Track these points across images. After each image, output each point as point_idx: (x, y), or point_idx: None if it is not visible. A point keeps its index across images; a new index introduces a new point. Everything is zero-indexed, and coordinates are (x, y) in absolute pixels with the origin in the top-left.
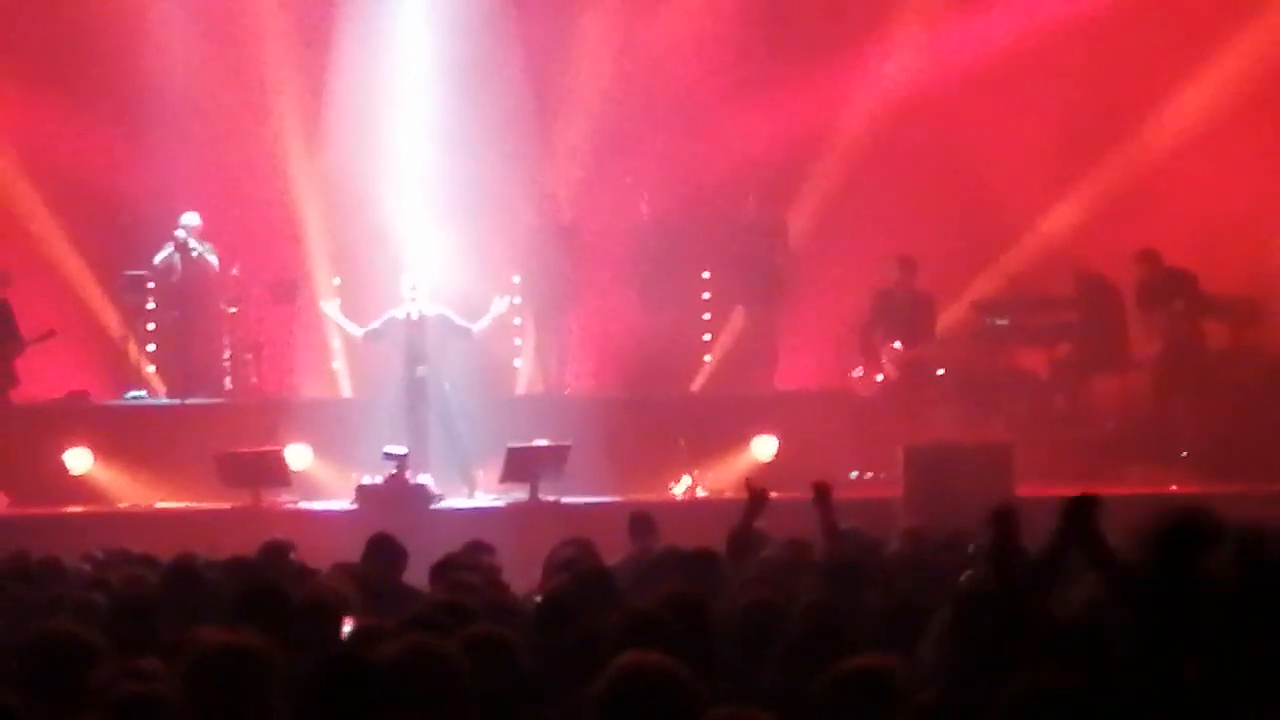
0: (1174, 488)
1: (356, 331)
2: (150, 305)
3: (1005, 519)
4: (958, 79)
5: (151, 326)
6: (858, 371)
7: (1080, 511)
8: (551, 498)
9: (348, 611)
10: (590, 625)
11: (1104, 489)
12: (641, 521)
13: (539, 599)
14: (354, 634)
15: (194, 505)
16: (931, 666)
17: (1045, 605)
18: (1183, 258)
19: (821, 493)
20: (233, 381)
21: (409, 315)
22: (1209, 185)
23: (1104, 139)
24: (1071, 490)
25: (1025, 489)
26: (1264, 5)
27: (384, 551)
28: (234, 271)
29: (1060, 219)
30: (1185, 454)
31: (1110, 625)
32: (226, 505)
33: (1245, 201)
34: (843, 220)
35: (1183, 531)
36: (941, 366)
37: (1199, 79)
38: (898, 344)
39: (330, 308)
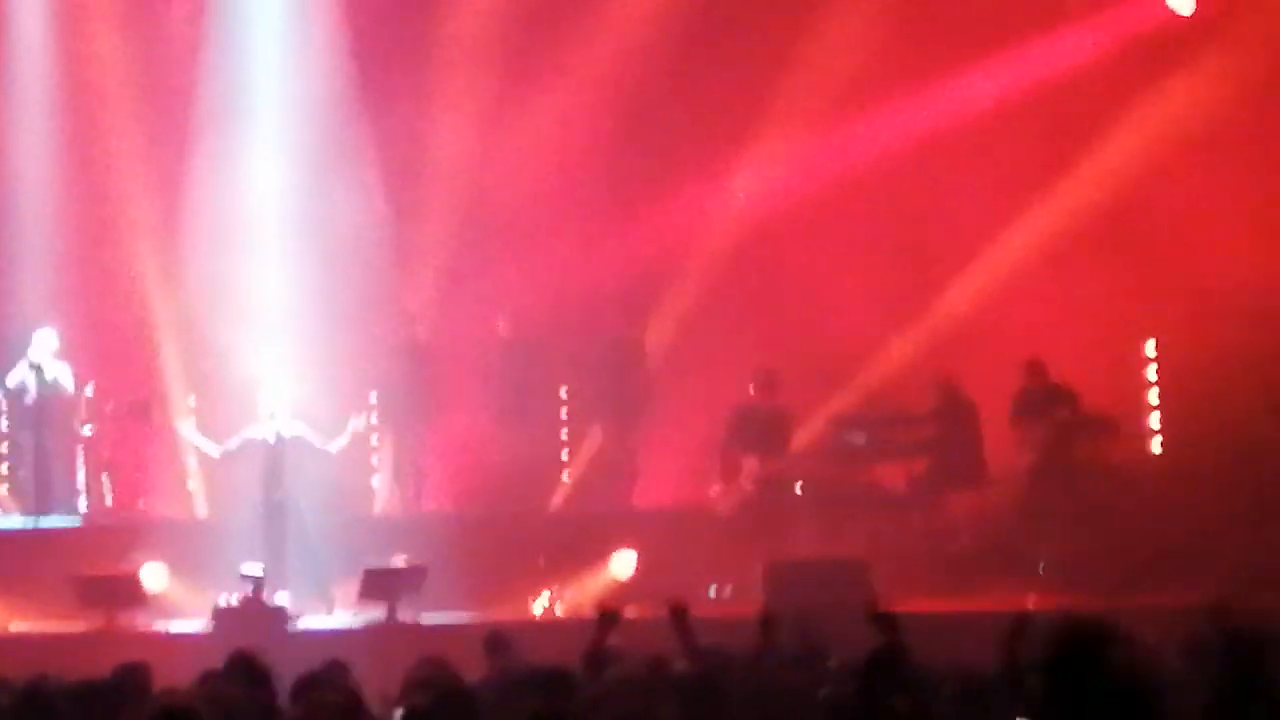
0: (1030, 603)
1: (214, 451)
2: (3, 426)
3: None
4: (813, 197)
5: (4, 447)
6: (715, 489)
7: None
8: (409, 617)
9: None
10: None
11: (962, 604)
12: (496, 640)
13: (399, 717)
14: None
15: (48, 627)
16: None
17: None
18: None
19: (677, 614)
20: (87, 502)
21: (267, 436)
22: (1062, 300)
23: (956, 257)
24: (931, 604)
25: (883, 604)
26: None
27: (243, 670)
28: (88, 391)
29: (915, 336)
30: (1043, 568)
31: None
32: (81, 627)
33: (1096, 317)
34: (701, 337)
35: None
36: (800, 482)
37: (1051, 194)
38: (753, 461)
39: (187, 428)
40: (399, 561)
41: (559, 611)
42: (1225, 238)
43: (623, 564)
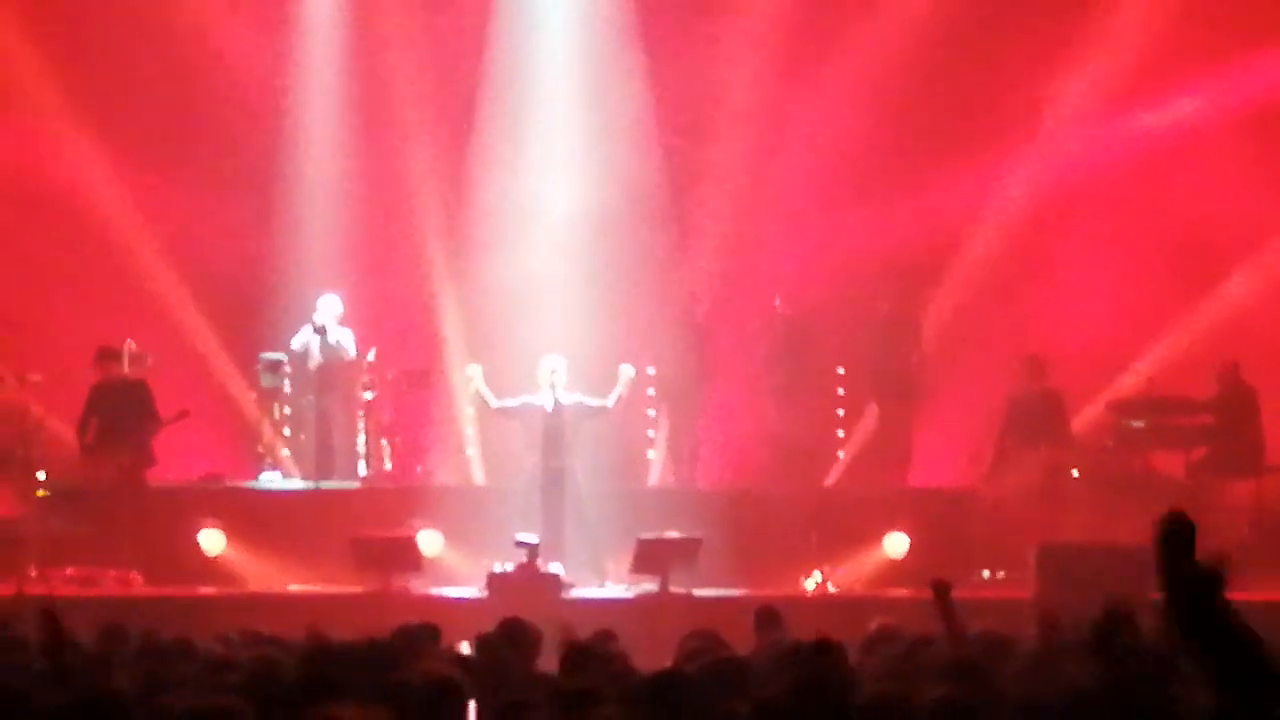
0: None
1: (493, 402)
2: (286, 388)
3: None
4: (1094, 180)
5: (287, 410)
6: (991, 477)
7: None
8: (682, 590)
9: (474, 693)
10: (720, 711)
11: (1237, 594)
12: (766, 615)
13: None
14: (482, 715)
15: (325, 589)
16: None
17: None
18: None
19: (940, 591)
20: (367, 466)
21: (546, 404)
22: None
23: (1241, 246)
24: None
25: (1159, 593)
26: None
27: (514, 636)
28: (370, 357)
29: (1197, 322)
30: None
31: None
32: (358, 589)
33: None
34: (978, 319)
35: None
36: (1076, 467)
37: None
38: (1032, 449)
39: (474, 372)
40: (672, 534)
41: (831, 589)
42: None
43: (895, 544)
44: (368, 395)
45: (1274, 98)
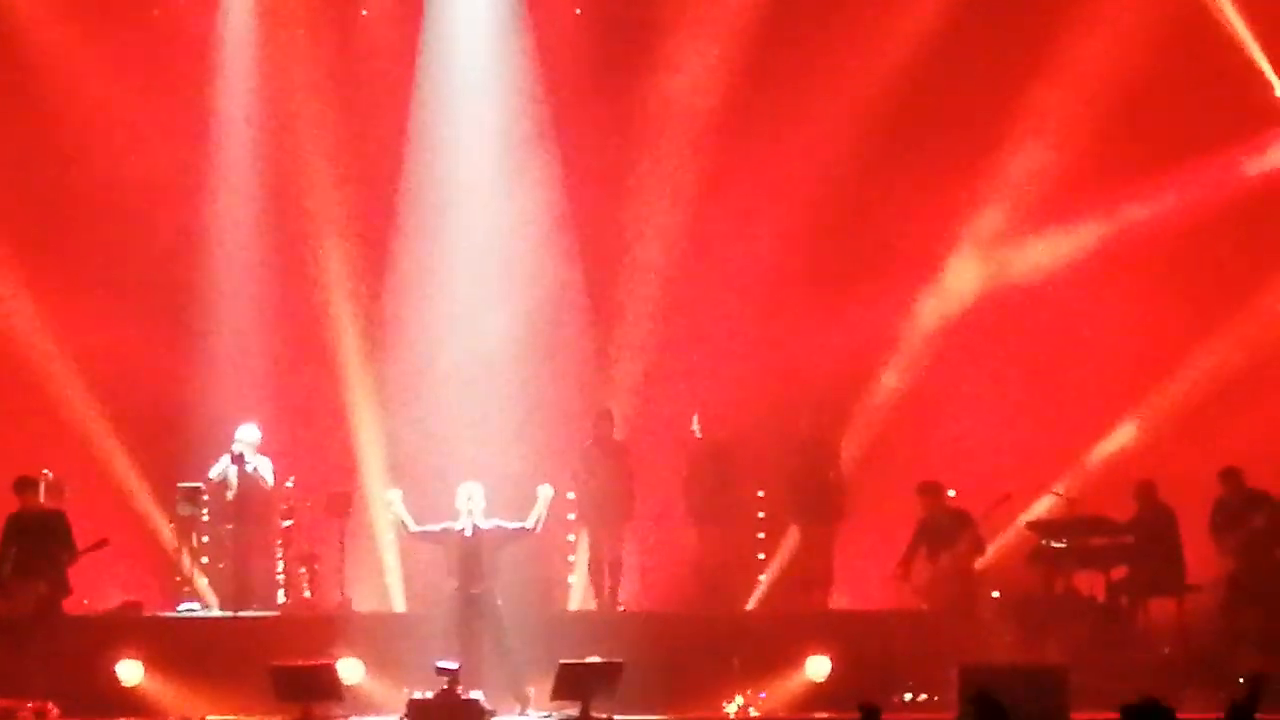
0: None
1: (412, 526)
2: (205, 517)
3: None
4: (1019, 298)
5: (205, 539)
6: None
7: None
8: (604, 715)
9: None
10: None
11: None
12: None
13: None
14: None
15: (244, 719)
16: None
17: None
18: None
19: (869, 714)
20: (286, 595)
21: (464, 530)
22: (1267, 408)
23: (1169, 360)
24: None
25: (1081, 713)
26: None
27: None
28: (288, 484)
29: (1121, 440)
30: (1243, 679)
31: None
32: (278, 719)
33: None
34: (897, 440)
35: None
36: (997, 588)
37: (1253, 303)
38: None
39: (394, 496)
40: (594, 659)
41: (752, 713)
42: None
43: (817, 667)
44: (286, 523)
45: (1180, 222)
